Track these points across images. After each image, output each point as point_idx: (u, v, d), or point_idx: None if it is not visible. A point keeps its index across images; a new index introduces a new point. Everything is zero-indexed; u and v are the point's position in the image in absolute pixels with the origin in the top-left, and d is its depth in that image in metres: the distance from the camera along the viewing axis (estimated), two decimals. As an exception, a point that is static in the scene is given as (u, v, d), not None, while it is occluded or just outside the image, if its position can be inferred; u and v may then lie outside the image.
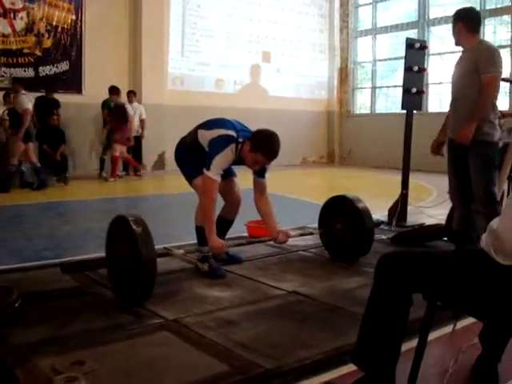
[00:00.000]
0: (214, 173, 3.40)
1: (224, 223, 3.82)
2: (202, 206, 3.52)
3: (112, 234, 3.16)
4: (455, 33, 3.94)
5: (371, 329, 1.96)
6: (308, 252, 4.27)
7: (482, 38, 3.94)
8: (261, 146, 3.41)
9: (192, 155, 3.65)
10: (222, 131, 3.48)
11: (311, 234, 4.21)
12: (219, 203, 3.69)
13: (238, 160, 3.54)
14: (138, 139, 10.82)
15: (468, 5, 12.19)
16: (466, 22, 3.86)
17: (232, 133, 3.47)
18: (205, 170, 3.42)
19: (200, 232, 3.60)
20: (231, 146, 3.44)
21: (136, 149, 10.79)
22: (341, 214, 3.99)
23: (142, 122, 10.78)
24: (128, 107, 10.20)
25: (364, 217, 3.88)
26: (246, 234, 4.58)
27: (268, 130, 3.52)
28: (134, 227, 2.92)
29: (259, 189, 3.71)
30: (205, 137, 3.55)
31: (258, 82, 13.44)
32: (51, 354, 2.29)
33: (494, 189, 3.88)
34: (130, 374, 2.19)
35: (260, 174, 3.69)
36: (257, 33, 13.41)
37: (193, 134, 3.67)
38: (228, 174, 3.71)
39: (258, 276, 3.58)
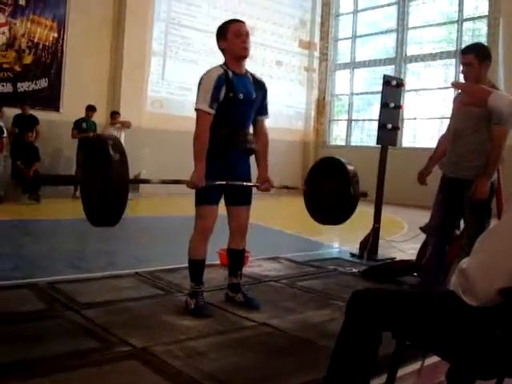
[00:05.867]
0: (201, 103, 3.21)
1: (230, 254, 3.63)
2: (194, 140, 3.22)
3: (88, 152, 3.14)
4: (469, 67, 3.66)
5: (340, 365, 1.96)
6: (279, 283, 4.26)
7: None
8: (222, 29, 3.38)
9: None
10: None
11: (296, 188, 4.40)
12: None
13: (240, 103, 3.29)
14: None
15: (444, 43, 12.64)
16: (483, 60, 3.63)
17: None
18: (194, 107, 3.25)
19: (192, 266, 3.42)
20: (215, 69, 3.37)
21: None
22: (329, 175, 3.79)
23: None
24: None
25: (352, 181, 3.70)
26: (218, 262, 4.56)
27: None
28: (111, 151, 2.84)
29: (259, 126, 3.51)
30: None
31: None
32: (14, 380, 2.23)
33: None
34: (95, 403, 2.15)
35: (262, 111, 3.49)
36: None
37: None
38: (237, 200, 3.47)
39: (228, 305, 3.55)
